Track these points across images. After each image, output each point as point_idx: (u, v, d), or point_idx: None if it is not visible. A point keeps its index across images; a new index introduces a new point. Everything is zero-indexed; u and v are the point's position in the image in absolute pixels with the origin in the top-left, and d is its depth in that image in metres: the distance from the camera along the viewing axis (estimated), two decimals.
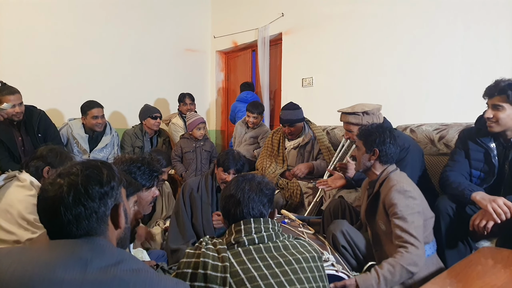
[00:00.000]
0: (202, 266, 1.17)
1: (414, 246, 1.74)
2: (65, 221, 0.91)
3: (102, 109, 3.77)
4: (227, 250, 1.23)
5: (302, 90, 4.61)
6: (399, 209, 1.82)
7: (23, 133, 3.26)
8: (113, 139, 3.94)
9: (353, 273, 1.86)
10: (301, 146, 3.45)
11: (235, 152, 2.61)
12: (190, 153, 4.01)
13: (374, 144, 2.00)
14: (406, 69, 3.56)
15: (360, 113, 2.62)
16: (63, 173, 0.97)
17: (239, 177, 1.46)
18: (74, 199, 0.92)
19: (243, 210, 1.34)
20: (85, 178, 0.95)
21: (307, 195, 3.10)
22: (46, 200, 0.93)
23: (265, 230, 1.31)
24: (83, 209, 0.92)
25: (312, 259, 1.30)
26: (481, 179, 2.18)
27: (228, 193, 1.40)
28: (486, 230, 1.86)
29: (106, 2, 4.73)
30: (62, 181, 0.94)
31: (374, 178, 2.06)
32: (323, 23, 4.34)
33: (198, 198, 2.59)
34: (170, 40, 5.49)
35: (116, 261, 0.89)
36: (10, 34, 4.00)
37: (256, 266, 1.19)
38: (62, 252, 0.88)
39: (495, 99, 2.04)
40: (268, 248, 1.26)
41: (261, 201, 1.38)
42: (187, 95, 4.80)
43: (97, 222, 0.95)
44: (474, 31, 3.12)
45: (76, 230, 0.92)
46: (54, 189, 0.93)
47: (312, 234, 2.19)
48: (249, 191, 1.38)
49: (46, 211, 0.94)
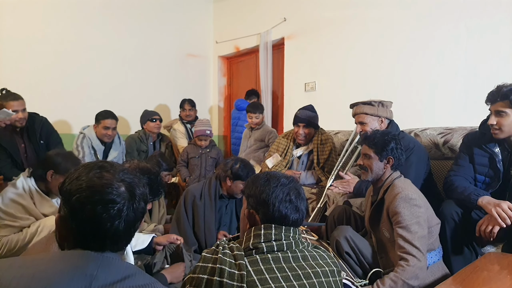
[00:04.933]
0: (219, 273, 1.13)
1: (416, 258, 1.73)
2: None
3: (116, 121, 3.74)
4: (244, 257, 1.19)
5: (305, 95, 4.60)
6: (403, 218, 1.80)
7: (26, 140, 3.26)
8: (121, 149, 3.93)
9: (357, 280, 1.84)
10: (304, 155, 3.40)
11: (245, 161, 2.59)
12: (196, 159, 4.04)
13: (390, 152, 1.99)
14: (410, 73, 3.55)
15: (376, 103, 2.61)
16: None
17: (280, 177, 1.33)
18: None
19: (299, 216, 1.28)
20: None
21: (310, 200, 3.09)
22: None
23: (285, 238, 1.24)
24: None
25: (331, 274, 1.26)
26: (486, 184, 2.17)
27: (283, 195, 1.27)
28: (492, 236, 1.85)
29: (108, 8, 4.74)
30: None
31: (379, 184, 2.05)
32: (325, 28, 4.34)
33: (201, 206, 2.56)
34: (172, 45, 5.50)
35: (123, 277, 0.86)
36: (11, 41, 4.01)
37: (273, 277, 1.15)
38: (67, 266, 0.85)
39: (497, 105, 2.01)
40: (287, 259, 1.22)
41: (306, 208, 1.34)
42: (187, 101, 4.81)
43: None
44: (477, 35, 3.11)
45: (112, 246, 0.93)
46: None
47: (315, 240, 2.17)
48: (301, 199, 1.30)
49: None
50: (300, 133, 3.31)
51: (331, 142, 3.34)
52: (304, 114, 3.29)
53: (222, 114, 6.15)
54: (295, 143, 3.44)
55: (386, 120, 2.65)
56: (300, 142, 3.38)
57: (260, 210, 1.28)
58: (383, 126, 2.64)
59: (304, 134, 3.31)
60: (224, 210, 2.66)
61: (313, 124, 3.32)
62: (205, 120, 4.23)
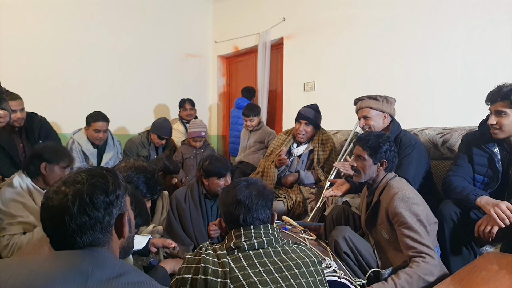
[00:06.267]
0: (203, 271, 1.17)
1: (430, 256, 1.73)
2: (69, 231, 0.90)
3: (107, 124, 3.71)
4: (227, 255, 1.23)
5: (304, 95, 4.60)
6: (405, 218, 1.80)
7: (24, 140, 3.26)
8: (116, 149, 3.91)
9: (355, 279, 1.84)
10: (304, 154, 3.39)
11: (217, 156, 2.59)
12: (191, 159, 4.04)
13: (383, 155, 1.98)
14: (409, 73, 3.55)
15: (381, 98, 2.62)
16: (68, 181, 0.95)
17: (241, 181, 1.43)
18: (79, 208, 0.90)
19: (253, 215, 1.33)
20: (91, 187, 0.93)
21: (309, 200, 3.08)
22: (51, 209, 0.92)
23: (264, 235, 1.30)
24: (87, 219, 0.91)
25: (312, 264, 1.30)
26: (484, 184, 2.17)
27: (233, 199, 1.36)
28: (491, 236, 1.84)
29: (107, 8, 4.74)
30: (67, 189, 0.92)
31: (374, 186, 2.05)
32: (324, 28, 4.34)
33: (187, 209, 2.55)
34: (171, 45, 5.50)
35: (118, 274, 0.87)
36: (9, 41, 4.00)
37: (256, 272, 1.19)
38: (62, 264, 0.86)
39: (497, 105, 2.01)
40: (268, 253, 1.26)
41: (267, 205, 1.38)
42: (187, 101, 4.82)
43: (101, 232, 0.94)
44: (476, 35, 3.11)
45: (80, 240, 0.91)
46: (59, 198, 0.91)
47: (314, 240, 2.17)
48: (256, 196, 1.36)
49: (50, 220, 0.92)
50: (301, 130, 3.27)
51: (331, 142, 3.33)
52: (307, 111, 3.28)
53: (221, 113, 6.15)
54: (295, 140, 3.43)
55: (389, 116, 2.65)
56: (300, 139, 3.35)
57: (223, 216, 1.41)
58: (386, 122, 2.64)
59: (304, 131, 3.27)
60: (210, 211, 2.65)
61: (315, 123, 3.30)
62: (199, 121, 4.24)
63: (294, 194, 3.16)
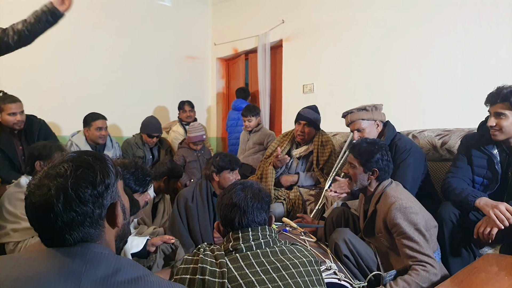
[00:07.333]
0: (200, 271, 1.18)
1: (430, 265, 1.74)
2: (56, 228, 0.82)
3: (106, 121, 3.76)
4: (224, 256, 1.24)
5: (303, 97, 4.60)
6: (404, 229, 1.80)
7: (24, 142, 3.26)
8: (114, 151, 3.91)
9: (356, 282, 1.84)
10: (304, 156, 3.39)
11: (225, 153, 2.67)
12: (194, 162, 4.05)
13: (374, 164, 1.96)
14: (407, 74, 3.56)
15: (370, 107, 2.61)
16: (50, 173, 0.85)
17: (236, 184, 1.44)
18: (65, 205, 0.81)
19: (249, 218, 1.34)
20: (76, 181, 0.84)
21: (309, 202, 3.08)
22: (34, 205, 0.83)
23: (262, 237, 1.31)
24: (75, 215, 0.82)
25: (309, 263, 1.31)
26: (484, 186, 2.17)
27: (229, 201, 1.37)
28: (491, 238, 1.84)
29: (106, 11, 4.74)
30: (50, 183, 0.83)
31: (369, 194, 2.04)
32: (323, 30, 4.35)
33: (194, 208, 2.57)
34: (171, 47, 5.49)
35: (113, 271, 0.82)
36: None
37: (253, 271, 1.20)
38: (53, 264, 0.81)
39: (497, 107, 2.01)
40: (266, 253, 1.27)
41: (263, 208, 1.38)
42: (186, 103, 4.81)
43: (92, 226, 0.86)
44: (474, 36, 3.12)
45: (69, 237, 0.83)
46: (42, 193, 0.82)
47: (314, 242, 2.17)
48: (252, 199, 1.36)
49: (35, 218, 0.84)
50: (300, 131, 3.28)
51: (331, 144, 3.33)
52: (307, 112, 3.29)
53: (220, 115, 6.14)
54: (294, 141, 3.43)
55: (381, 123, 2.65)
56: (299, 140, 3.36)
57: (220, 219, 1.41)
58: (379, 129, 2.64)
59: (304, 132, 3.27)
60: None
61: (315, 124, 3.31)
62: (197, 124, 4.25)
63: (293, 196, 3.16)
